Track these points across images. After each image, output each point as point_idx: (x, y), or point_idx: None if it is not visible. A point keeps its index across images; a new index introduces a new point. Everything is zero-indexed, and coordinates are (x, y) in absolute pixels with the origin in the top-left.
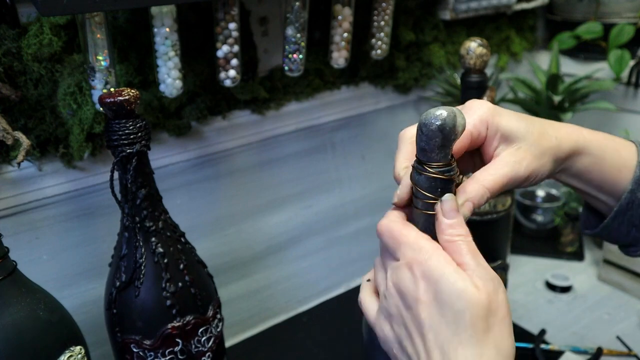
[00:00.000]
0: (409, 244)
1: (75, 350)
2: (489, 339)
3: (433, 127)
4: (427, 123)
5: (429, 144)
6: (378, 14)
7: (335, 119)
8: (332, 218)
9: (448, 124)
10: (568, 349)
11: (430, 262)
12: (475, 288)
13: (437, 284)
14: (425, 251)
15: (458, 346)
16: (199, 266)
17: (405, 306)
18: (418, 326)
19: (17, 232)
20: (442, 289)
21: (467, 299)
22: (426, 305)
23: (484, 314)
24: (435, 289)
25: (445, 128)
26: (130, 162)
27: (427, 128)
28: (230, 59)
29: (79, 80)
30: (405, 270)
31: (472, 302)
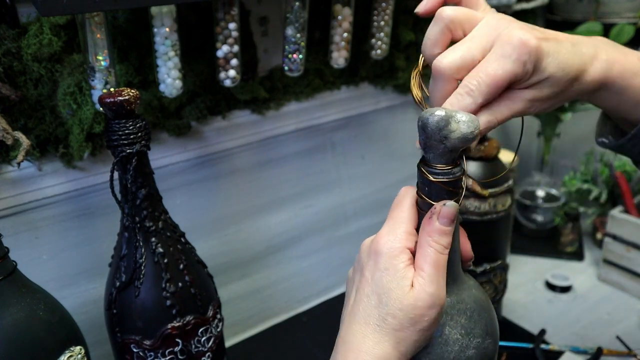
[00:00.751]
0: (392, 220)
1: (75, 350)
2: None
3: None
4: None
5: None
6: (378, 14)
7: (335, 119)
8: (332, 218)
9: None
10: (568, 349)
11: (388, 248)
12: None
13: (379, 271)
14: (394, 236)
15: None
16: (199, 266)
17: (359, 266)
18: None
19: (17, 232)
20: (381, 277)
21: (394, 297)
22: (364, 282)
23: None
24: (375, 274)
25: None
26: (130, 162)
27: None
28: (230, 59)
29: (79, 80)
30: (373, 240)
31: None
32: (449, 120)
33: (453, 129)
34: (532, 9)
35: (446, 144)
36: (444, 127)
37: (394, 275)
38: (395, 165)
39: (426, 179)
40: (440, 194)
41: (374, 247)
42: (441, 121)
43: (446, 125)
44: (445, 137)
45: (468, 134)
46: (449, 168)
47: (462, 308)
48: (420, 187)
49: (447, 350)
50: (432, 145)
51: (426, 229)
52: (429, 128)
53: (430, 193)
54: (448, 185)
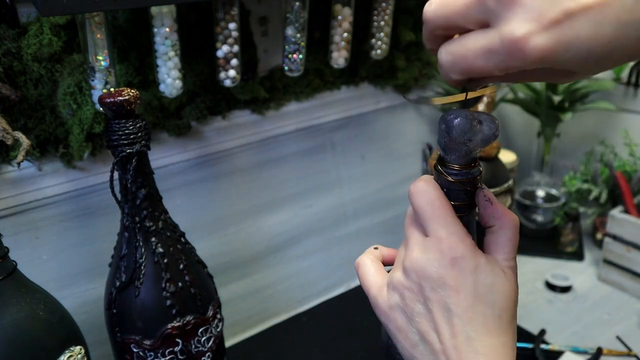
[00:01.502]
0: (445, 221)
1: (75, 350)
2: (510, 329)
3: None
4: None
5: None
6: (378, 14)
7: (335, 119)
8: (332, 218)
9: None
10: (568, 349)
11: (463, 249)
12: (506, 279)
13: (472, 275)
14: (458, 236)
15: (486, 334)
16: (199, 266)
17: (430, 287)
18: (443, 309)
19: (17, 232)
20: (477, 280)
21: (498, 290)
22: (454, 292)
23: (511, 306)
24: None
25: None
26: (130, 162)
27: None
28: (230, 59)
29: (79, 80)
30: (436, 250)
31: (502, 294)
32: (472, 123)
33: (476, 131)
34: None
35: (469, 145)
36: (468, 129)
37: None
38: (395, 165)
39: (445, 179)
40: (459, 194)
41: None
42: (466, 124)
43: (470, 128)
44: (469, 139)
45: (490, 135)
46: (468, 168)
47: None
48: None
49: None
50: (454, 147)
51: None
52: (454, 132)
53: (449, 194)
54: (467, 185)
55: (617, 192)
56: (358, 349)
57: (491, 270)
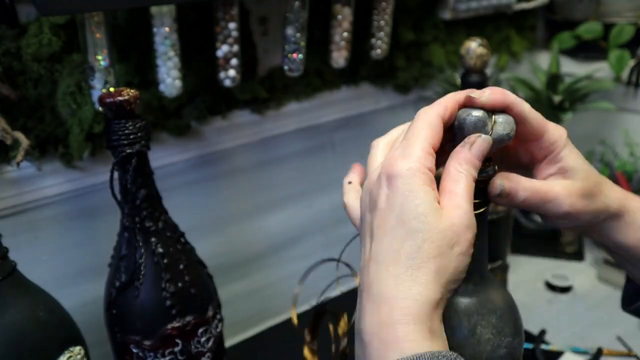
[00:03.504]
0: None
1: (75, 351)
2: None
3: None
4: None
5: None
6: (378, 13)
7: (335, 118)
8: (332, 218)
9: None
10: (568, 349)
11: (405, 172)
12: (440, 212)
13: (401, 196)
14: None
15: (390, 266)
16: (198, 266)
17: (368, 209)
18: (369, 236)
19: (16, 232)
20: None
21: (426, 220)
22: (383, 214)
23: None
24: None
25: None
26: (130, 163)
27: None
28: (230, 59)
29: (79, 80)
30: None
31: (430, 224)
32: (486, 121)
33: (489, 130)
34: (532, 9)
35: None
36: (481, 127)
37: (423, 196)
38: None
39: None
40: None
41: (386, 171)
42: (479, 122)
43: (484, 126)
44: None
45: (504, 135)
46: (482, 167)
47: (492, 307)
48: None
49: (480, 350)
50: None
51: (456, 157)
52: (467, 128)
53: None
54: (481, 184)
55: None
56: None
57: (431, 198)
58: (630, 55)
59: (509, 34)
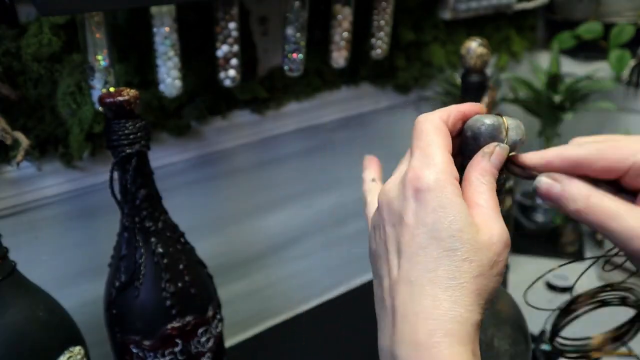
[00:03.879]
0: (424, 151)
1: (75, 351)
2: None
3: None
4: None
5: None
6: (378, 13)
7: (335, 118)
8: (332, 218)
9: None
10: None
11: (433, 185)
12: (475, 230)
13: (433, 212)
14: (435, 166)
15: (426, 287)
16: (198, 266)
17: (390, 223)
18: (396, 251)
19: (16, 232)
20: (437, 220)
21: (466, 239)
22: (412, 230)
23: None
24: (426, 217)
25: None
26: (129, 163)
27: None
28: (230, 59)
29: (79, 80)
30: (404, 180)
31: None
32: (501, 129)
33: (503, 137)
34: (533, 9)
35: None
36: (497, 136)
37: (457, 210)
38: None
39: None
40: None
41: (412, 185)
42: (495, 130)
43: (499, 134)
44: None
45: (517, 140)
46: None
47: (503, 317)
48: None
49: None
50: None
51: (477, 168)
52: (482, 138)
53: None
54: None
55: None
56: (358, 349)
57: (464, 216)
58: (630, 55)
59: (509, 34)
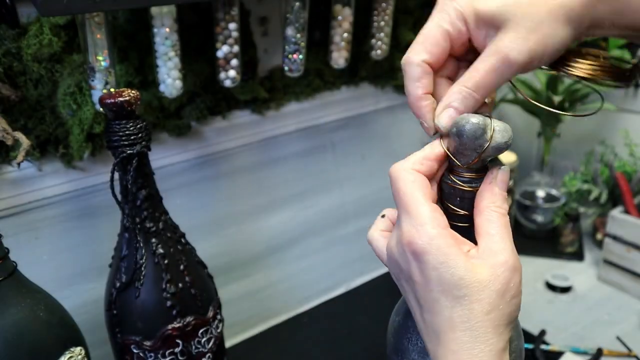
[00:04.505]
0: (409, 212)
1: (76, 351)
2: (487, 321)
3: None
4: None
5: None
6: (378, 14)
7: (335, 119)
8: (332, 218)
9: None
10: (568, 349)
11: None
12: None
13: (435, 269)
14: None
15: (451, 330)
16: (199, 267)
17: (404, 278)
18: (415, 301)
19: (17, 233)
20: (441, 276)
21: (467, 284)
22: (423, 288)
23: (486, 296)
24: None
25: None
26: (130, 163)
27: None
28: (230, 59)
29: (79, 81)
30: (400, 243)
31: (473, 286)
32: (485, 129)
33: (488, 138)
34: None
35: (479, 152)
36: (480, 135)
37: (454, 261)
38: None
39: (458, 189)
40: (472, 202)
41: (409, 249)
42: (478, 130)
43: (482, 134)
44: (480, 145)
45: (502, 143)
46: (479, 175)
47: None
48: (449, 198)
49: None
50: (466, 153)
51: (487, 196)
52: (465, 136)
53: (463, 203)
54: (470, 194)
55: (617, 193)
56: (358, 349)
57: (456, 261)
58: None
59: None
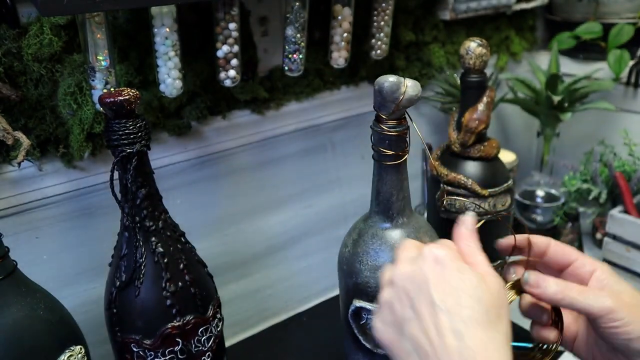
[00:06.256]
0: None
1: (76, 350)
2: (499, 326)
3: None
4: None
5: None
6: (378, 14)
7: (335, 119)
8: (332, 218)
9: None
10: None
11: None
12: (490, 283)
13: (456, 271)
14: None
15: (476, 327)
16: (199, 266)
17: (417, 287)
18: (429, 305)
19: (17, 232)
20: (461, 276)
21: (483, 289)
22: (438, 285)
23: (497, 304)
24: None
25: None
26: (130, 162)
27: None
28: (230, 59)
29: (79, 80)
30: (422, 257)
31: (488, 292)
32: (399, 85)
33: (402, 92)
34: (532, 9)
35: (396, 103)
36: (396, 90)
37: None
38: None
39: (385, 134)
40: (398, 143)
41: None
42: (394, 85)
43: (397, 88)
44: (396, 98)
45: (414, 95)
46: (399, 122)
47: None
48: (379, 142)
49: None
50: (386, 105)
51: (459, 238)
52: (384, 91)
53: (390, 145)
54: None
55: (617, 192)
56: None
57: (475, 274)
58: (629, 56)
59: (509, 34)
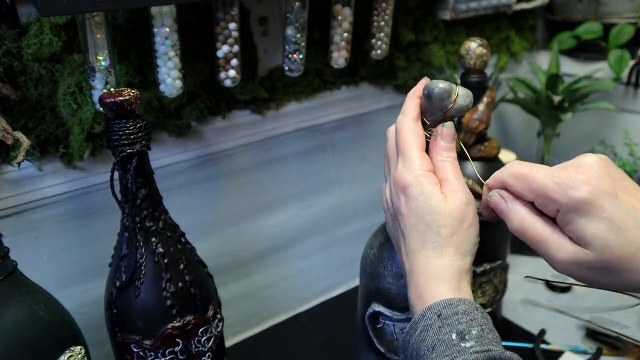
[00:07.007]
0: (404, 156)
1: (75, 350)
2: (451, 242)
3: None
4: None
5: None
6: (378, 14)
7: (335, 119)
8: (332, 218)
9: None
10: (568, 349)
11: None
12: (445, 200)
13: (415, 200)
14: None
15: (423, 247)
16: (199, 266)
17: (393, 215)
18: (401, 234)
19: (17, 232)
20: (418, 204)
21: (436, 211)
22: (406, 218)
23: (449, 222)
24: (412, 204)
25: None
26: (130, 162)
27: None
28: (230, 59)
29: (79, 80)
30: (394, 183)
31: (440, 213)
32: (450, 93)
33: (452, 100)
34: (532, 9)
35: (444, 112)
36: (446, 98)
37: (429, 195)
38: None
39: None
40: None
41: (398, 184)
42: (444, 93)
43: (448, 96)
44: (445, 106)
45: (464, 106)
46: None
47: None
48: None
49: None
50: (433, 111)
51: (435, 150)
52: (433, 97)
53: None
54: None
55: None
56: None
57: (431, 194)
58: (630, 56)
59: (509, 34)
